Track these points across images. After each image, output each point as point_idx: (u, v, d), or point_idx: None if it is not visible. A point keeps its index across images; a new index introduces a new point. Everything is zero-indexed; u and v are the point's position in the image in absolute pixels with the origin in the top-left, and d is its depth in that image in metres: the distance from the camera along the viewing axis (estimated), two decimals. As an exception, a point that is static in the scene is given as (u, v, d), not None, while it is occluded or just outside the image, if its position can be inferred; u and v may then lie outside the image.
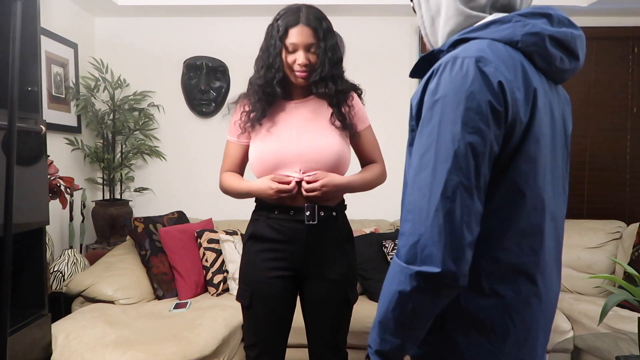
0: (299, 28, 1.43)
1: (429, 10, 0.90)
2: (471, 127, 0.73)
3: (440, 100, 0.76)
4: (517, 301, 0.81)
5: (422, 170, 0.76)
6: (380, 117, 3.27)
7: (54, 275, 2.54)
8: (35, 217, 1.77)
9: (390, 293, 0.78)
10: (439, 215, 0.73)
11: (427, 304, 0.77)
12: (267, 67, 1.47)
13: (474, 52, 0.76)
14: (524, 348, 0.84)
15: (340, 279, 1.56)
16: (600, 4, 2.95)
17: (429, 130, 0.76)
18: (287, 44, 1.44)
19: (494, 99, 0.74)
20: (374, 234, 2.86)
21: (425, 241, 0.73)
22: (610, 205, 3.22)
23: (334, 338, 1.61)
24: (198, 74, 3.21)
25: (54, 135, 2.76)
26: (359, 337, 2.36)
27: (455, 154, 0.73)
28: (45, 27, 2.67)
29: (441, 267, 0.72)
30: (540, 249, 0.83)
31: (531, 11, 0.81)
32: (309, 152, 1.48)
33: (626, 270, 1.86)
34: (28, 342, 1.74)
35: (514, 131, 0.76)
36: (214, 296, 2.58)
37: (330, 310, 1.58)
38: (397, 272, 0.77)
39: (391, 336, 0.81)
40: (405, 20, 3.19)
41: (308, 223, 1.48)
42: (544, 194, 0.82)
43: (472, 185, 0.74)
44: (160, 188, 3.29)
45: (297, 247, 1.51)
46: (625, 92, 3.21)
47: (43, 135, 1.78)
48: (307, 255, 1.52)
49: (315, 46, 1.45)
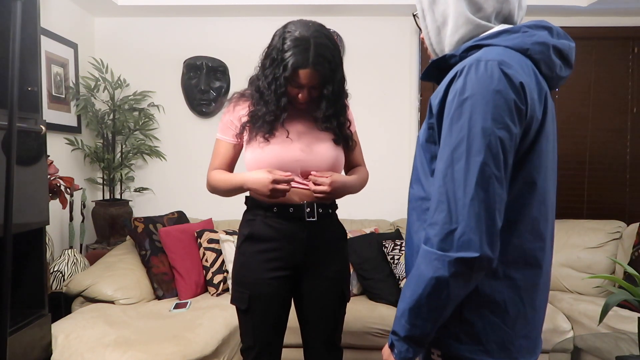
0: (307, 71, 1.39)
1: (435, 21, 0.98)
2: (500, 123, 0.81)
3: (470, 98, 0.82)
4: (526, 283, 0.90)
5: (455, 163, 0.83)
6: (380, 117, 3.28)
7: (54, 275, 2.55)
8: (35, 217, 1.77)
9: (425, 280, 0.84)
10: (475, 204, 0.80)
11: (462, 288, 0.84)
12: (274, 85, 1.44)
13: (496, 56, 0.84)
14: (531, 326, 0.93)
15: (337, 276, 1.60)
16: (600, 4, 2.95)
17: (460, 126, 0.83)
18: (294, 81, 1.42)
19: (517, 98, 0.82)
20: (374, 234, 2.86)
21: (463, 229, 0.80)
22: (610, 205, 3.22)
23: (331, 335, 1.62)
24: (198, 74, 3.21)
25: (54, 135, 2.76)
26: (359, 337, 2.37)
27: (487, 147, 0.80)
28: (45, 27, 2.67)
29: (480, 251, 0.79)
30: (546, 235, 0.93)
31: (535, 24, 0.91)
32: (306, 158, 1.50)
33: (626, 270, 1.86)
34: (28, 342, 1.74)
35: (531, 128, 0.85)
36: (214, 296, 2.59)
37: (328, 308, 1.60)
38: (433, 260, 0.83)
39: (423, 321, 0.87)
40: (405, 20, 3.19)
41: (308, 220, 1.50)
42: (547, 185, 0.92)
43: (501, 176, 0.82)
44: (160, 188, 3.29)
45: (297, 245, 1.51)
46: (625, 92, 3.21)
47: (43, 135, 1.78)
48: (306, 253, 1.53)
49: (319, 85, 1.45)
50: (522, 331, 0.92)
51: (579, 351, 1.99)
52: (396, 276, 2.65)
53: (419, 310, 0.87)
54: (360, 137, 1.72)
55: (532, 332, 0.95)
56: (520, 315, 0.91)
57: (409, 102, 3.25)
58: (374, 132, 3.22)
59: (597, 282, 2.69)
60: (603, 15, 3.15)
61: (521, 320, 0.91)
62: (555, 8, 3.04)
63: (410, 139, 3.26)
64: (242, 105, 1.56)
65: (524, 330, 0.92)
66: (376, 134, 3.23)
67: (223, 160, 1.60)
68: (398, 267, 2.65)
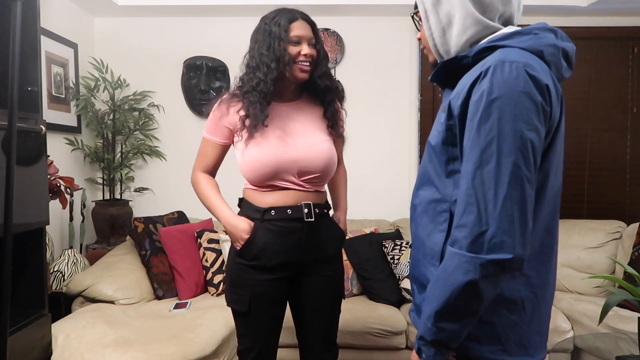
0: (300, 22, 1.47)
1: (439, 22, 0.97)
2: (530, 125, 0.81)
3: (498, 100, 0.81)
4: (540, 280, 0.92)
5: (485, 165, 0.82)
6: (380, 117, 3.28)
7: (54, 275, 2.55)
8: (35, 217, 1.77)
9: (455, 283, 0.83)
10: (508, 205, 0.80)
11: (492, 290, 0.84)
12: (269, 63, 1.44)
13: (519, 58, 0.84)
14: (544, 322, 0.96)
15: (334, 274, 1.61)
16: (600, 4, 2.95)
17: (489, 127, 0.82)
18: (291, 37, 1.45)
19: (543, 100, 0.83)
20: (374, 234, 2.86)
21: (494, 230, 0.80)
22: (610, 205, 3.22)
23: (330, 332, 1.63)
24: (198, 74, 3.21)
25: (54, 135, 2.76)
26: (359, 337, 2.36)
27: (518, 149, 0.80)
28: (45, 27, 2.67)
29: (513, 253, 0.79)
30: (555, 232, 0.95)
31: (542, 27, 0.92)
32: (304, 158, 1.49)
33: (626, 270, 1.86)
34: (28, 342, 1.74)
35: (552, 128, 0.87)
36: (214, 296, 2.59)
37: (326, 306, 1.61)
38: (463, 263, 0.82)
39: (450, 323, 0.86)
40: (405, 20, 3.19)
41: (307, 220, 1.50)
42: (557, 183, 0.94)
43: (532, 178, 0.82)
44: (160, 188, 3.29)
45: (296, 245, 1.51)
46: (625, 92, 3.21)
47: (43, 135, 1.78)
48: (305, 252, 1.53)
49: (315, 40, 1.50)
50: (537, 328, 0.93)
51: (579, 351, 1.99)
52: (396, 276, 2.65)
53: (447, 314, 0.86)
54: (360, 137, 1.73)
55: (544, 328, 0.97)
56: (535, 313, 0.92)
57: (409, 102, 3.25)
58: (374, 132, 3.22)
59: (597, 282, 2.69)
60: (603, 15, 3.15)
61: (536, 317, 0.93)
62: (555, 8, 3.04)
63: (410, 139, 3.26)
64: (235, 106, 1.52)
65: (538, 327, 0.94)
66: (376, 134, 3.23)
67: (210, 161, 1.61)
68: (398, 267, 2.65)
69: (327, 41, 3.18)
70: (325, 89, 1.55)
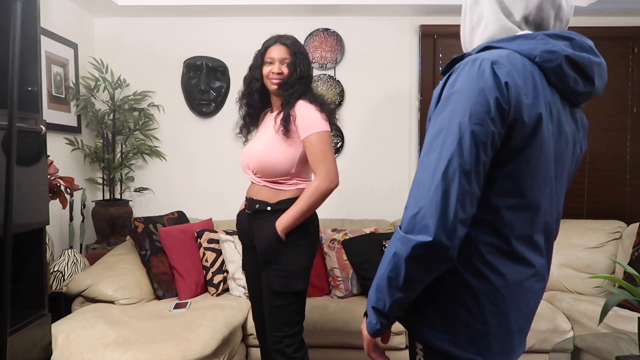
0: (275, 46, 1.77)
1: (471, 20, 1.01)
2: (477, 118, 0.83)
3: (456, 93, 0.86)
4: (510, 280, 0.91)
5: (430, 152, 0.87)
6: (380, 117, 3.28)
7: (54, 275, 2.54)
8: (35, 217, 1.77)
9: (389, 258, 0.89)
10: (438, 192, 0.83)
11: (420, 271, 0.87)
12: (250, 80, 1.83)
13: (492, 56, 0.86)
14: (509, 327, 0.93)
15: (268, 273, 1.76)
16: (600, 4, 2.95)
17: (442, 117, 0.87)
18: (266, 59, 1.78)
19: (501, 97, 0.83)
20: (374, 234, 2.86)
21: (423, 213, 0.84)
22: (610, 205, 3.22)
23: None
24: (198, 74, 3.21)
25: (54, 135, 2.76)
26: (358, 337, 2.36)
27: (459, 141, 0.83)
28: (45, 27, 2.67)
29: (433, 236, 0.82)
30: (538, 245, 0.95)
31: (556, 33, 0.91)
32: (248, 157, 1.80)
33: (626, 270, 1.86)
34: (28, 342, 1.74)
35: (515, 130, 0.85)
36: (214, 296, 2.59)
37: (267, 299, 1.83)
38: (397, 240, 0.88)
39: (384, 296, 0.92)
40: (405, 20, 3.19)
41: (247, 212, 1.83)
42: (540, 199, 0.91)
43: (470, 170, 0.83)
44: (160, 188, 3.29)
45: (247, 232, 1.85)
46: (625, 92, 3.21)
47: (43, 135, 1.78)
48: (251, 240, 1.85)
49: (288, 60, 1.76)
50: (497, 330, 0.91)
51: (579, 351, 1.99)
52: (396, 276, 2.64)
53: (382, 286, 0.91)
54: (360, 138, 1.74)
55: (512, 334, 0.94)
56: (500, 317, 0.91)
57: (409, 102, 3.25)
58: (374, 133, 3.22)
59: (597, 282, 2.69)
60: (603, 15, 3.15)
61: (501, 320, 0.91)
62: (555, 8, 3.04)
63: (410, 139, 3.25)
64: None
65: (500, 330, 0.91)
66: (376, 134, 3.23)
67: None
68: (398, 267, 2.65)
69: (327, 41, 3.18)
70: (282, 97, 1.76)
